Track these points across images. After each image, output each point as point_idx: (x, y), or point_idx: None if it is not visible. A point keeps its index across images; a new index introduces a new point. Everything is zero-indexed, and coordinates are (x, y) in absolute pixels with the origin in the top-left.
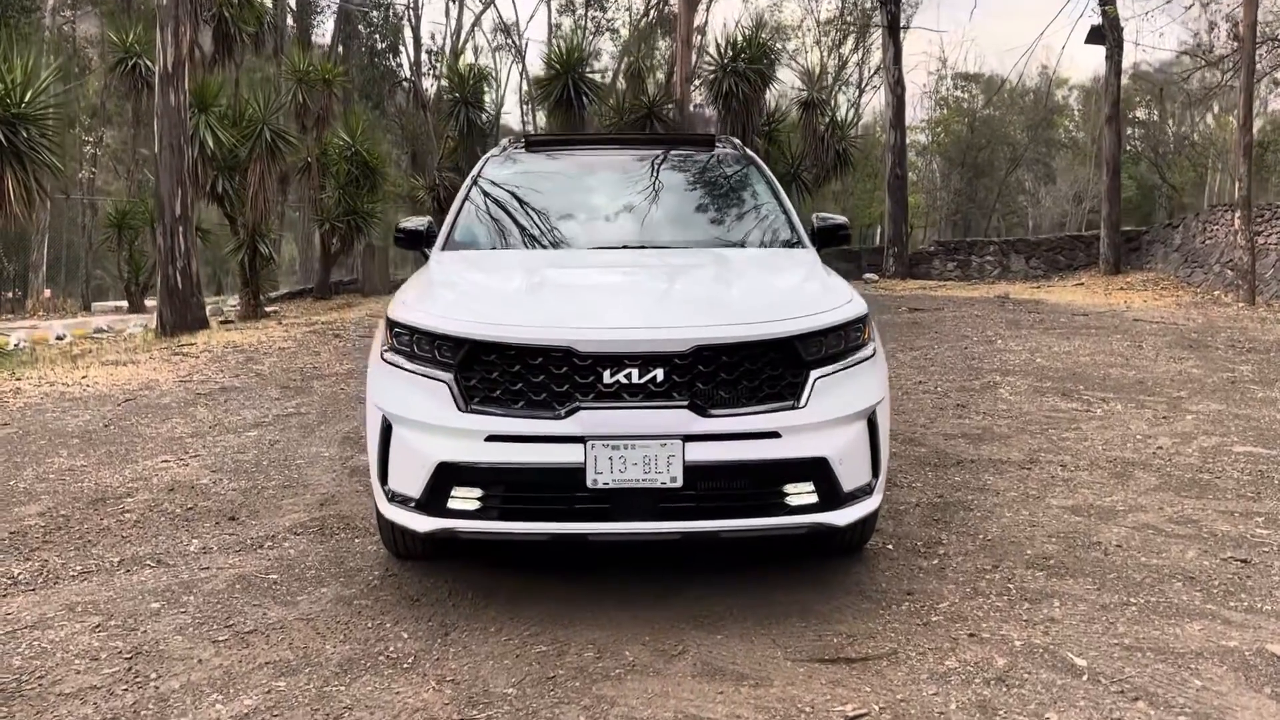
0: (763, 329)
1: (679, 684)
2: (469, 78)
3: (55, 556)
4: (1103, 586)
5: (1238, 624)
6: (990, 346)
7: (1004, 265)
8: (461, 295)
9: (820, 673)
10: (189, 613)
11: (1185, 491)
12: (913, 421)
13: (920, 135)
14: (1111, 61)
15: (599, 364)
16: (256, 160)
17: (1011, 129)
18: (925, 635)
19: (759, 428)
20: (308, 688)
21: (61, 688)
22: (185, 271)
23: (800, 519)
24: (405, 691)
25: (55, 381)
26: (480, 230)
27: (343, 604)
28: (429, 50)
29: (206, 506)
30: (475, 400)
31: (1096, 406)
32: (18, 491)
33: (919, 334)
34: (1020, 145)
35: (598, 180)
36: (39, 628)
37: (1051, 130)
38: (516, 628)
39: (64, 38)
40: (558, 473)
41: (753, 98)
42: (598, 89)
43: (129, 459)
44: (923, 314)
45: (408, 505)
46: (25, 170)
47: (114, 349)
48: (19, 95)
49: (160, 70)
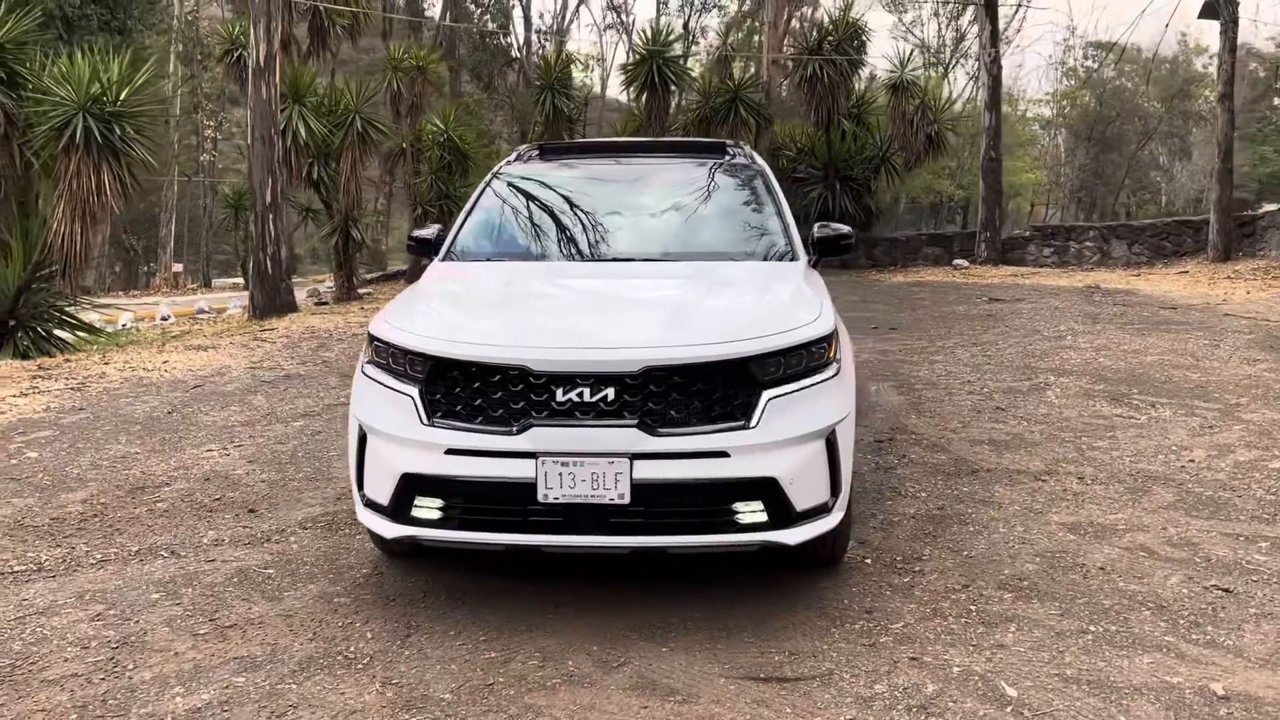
0: (713, 350)
1: (609, 697)
2: (555, 63)
3: (82, 544)
4: (1067, 612)
5: (1191, 659)
6: (1057, 343)
7: (1104, 251)
8: (435, 311)
9: (749, 691)
10: (182, 605)
11: (1198, 511)
12: (944, 426)
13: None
14: (1225, 37)
15: (553, 382)
16: (348, 148)
17: (1143, 100)
18: (867, 657)
19: (707, 447)
20: (263, 685)
21: (46, 674)
22: (275, 257)
23: (750, 537)
24: (350, 692)
25: (138, 366)
26: (478, 241)
27: (323, 601)
28: (538, 30)
29: (233, 498)
30: (438, 414)
31: (1143, 413)
32: (70, 478)
33: (988, 328)
34: (1153, 118)
35: (601, 190)
36: (46, 614)
37: (1188, 102)
38: (475, 632)
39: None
40: (511, 487)
41: (838, 81)
42: (682, 73)
43: (179, 447)
44: (1001, 305)
45: (378, 511)
46: (120, 164)
47: (202, 333)
48: (115, 94)
49: (253, 64)
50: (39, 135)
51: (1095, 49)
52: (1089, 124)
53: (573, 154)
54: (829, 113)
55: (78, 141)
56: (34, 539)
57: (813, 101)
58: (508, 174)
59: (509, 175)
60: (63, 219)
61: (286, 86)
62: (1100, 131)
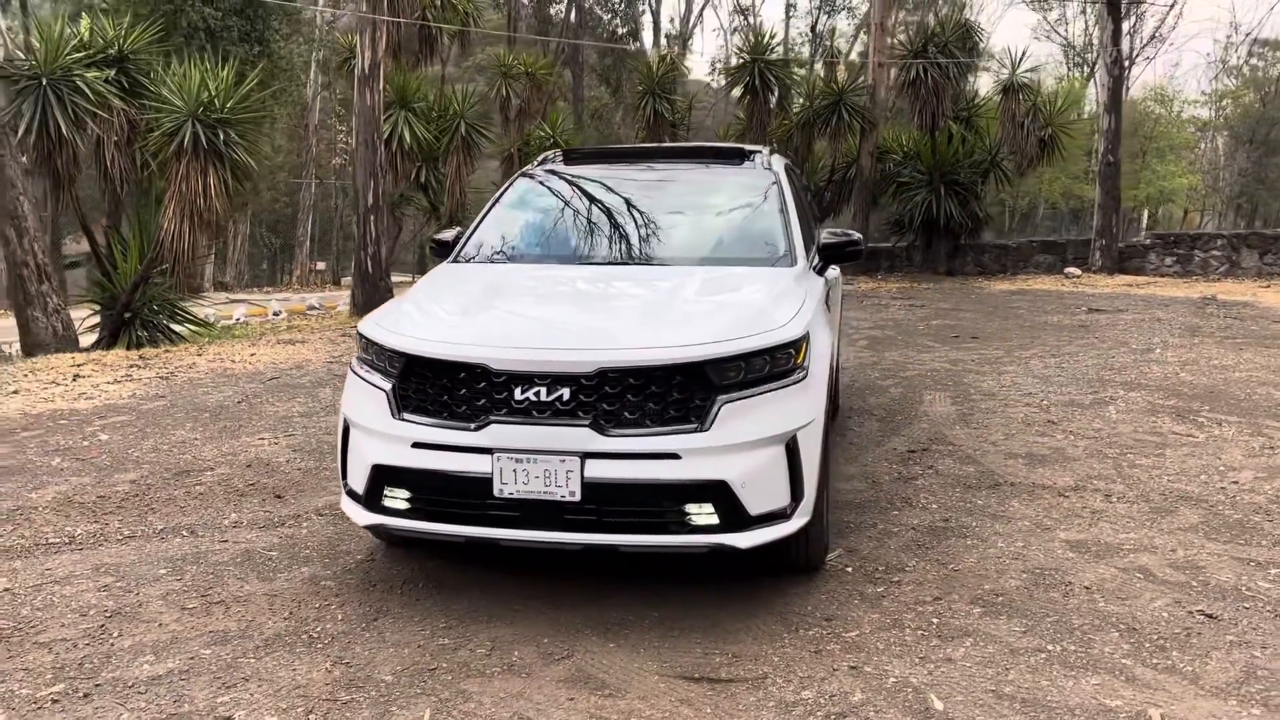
0: (667, 354)
1: (540, 687)
2: (656, 68)
3: (116, 521)
4: (1030, 630)
5: (1141, 683)
6: (1142, 356)
7: (1232, 261)
8: (418, 310)
9: (678, 690)
10: (183, 580)
11: (1219, 534)
12: (985, 438)
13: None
14: None
15: (512, 381)
16: (454, 152)
17: None
18: (808, 663)
19: (658, 449)
20: (225, 657)
21: (41, 637)
22: (375, 256)
23: (701, 539)
24: (301, 669)
25: (226, 358)
26: (484, 244)
27: (310, 583)
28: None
29: (266, 483)
30: (408, 409)
31: (1205, 431)
32: (128, 460)
33: (1074, 339)
34: None
35: (610, 196)
36: (62, 583)
37: None
38: (438, 619)
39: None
40: (470, 481)
41: (942, 84)
42: (783, 77)
43: (235, 435)
44: (1100, 315)
45: (355, 500)
46: (224, 167)
47: (299, 328)
48: (222, 102)
49: (359, 72)
50: (153, 140)
51: (1261, 46)
52: (1251, 126)
53: (595, 160)
54: (933, 116)
55: (186, 146)
56: (76, 514)
57: (916, 104)
58: (527, 179)
59: (528, 181)
60: (172, 219)
61: (394, 93)
62: (1264, 134)
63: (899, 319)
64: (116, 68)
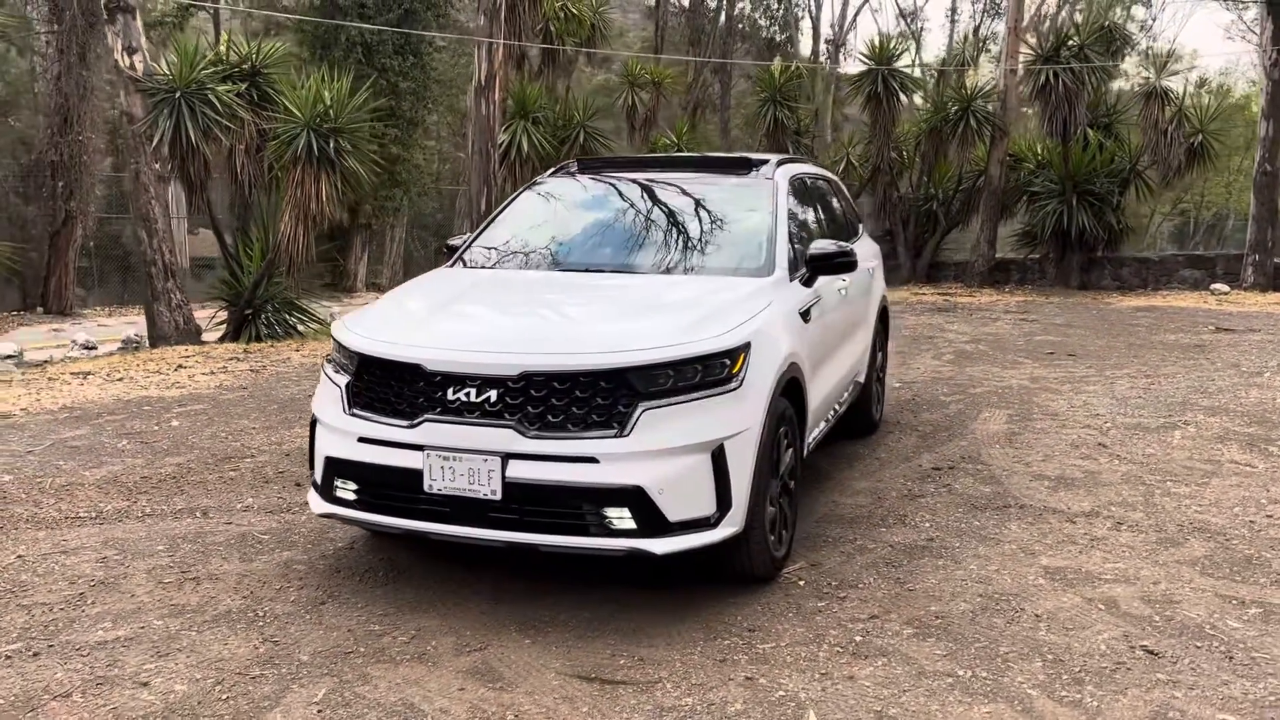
0: (588, 360)
1: (439, 676)
2: (779, 75)
3: (145, 500)
4: (952, 655)
5: (1034, 714)
6: (1246, 380)
7: None
8: (381, 312)
9: (568, 688)
10: (174, 557)
11: (1217, 569)
12: (1021, 459)
13: None
14: None
15: (446, 382)
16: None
17: None
18: (707, 671)
19: (577, 452)
20: (171, 629)
21: (25, 599)
22: None
23: (617, 543)
24: (231, 645)
25: (322, 354)
26: (481, 250)
27: (283, 567)
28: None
29: (294, 472)
30: (358, 406)
31: (1269, 461)
32: (184, 445)
33: (1181, 359)
34: None
35: (607, 204)
36: (69, 554)
37: None
38: (381, 606)
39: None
40: (404, 475)
41: (1074, 90)
42: (908, 85)
43: (290, 426)
44: (1225, 335)
45: (316, 490)
46: (335, 174)
47: None
48: (336, 111)
49: (475, 83)
50: (274, 148)
51: None
52: None
53: (605, 169)
54: (1065, 123)
55: (300, 153)
56: (115, 492)
57: (1046, 111)
58: (535, 188)
59: (536, 189)
60: (288, 222)
61: (515, 103)
62: None
63: (1001, 333)
64: (249, 81)
